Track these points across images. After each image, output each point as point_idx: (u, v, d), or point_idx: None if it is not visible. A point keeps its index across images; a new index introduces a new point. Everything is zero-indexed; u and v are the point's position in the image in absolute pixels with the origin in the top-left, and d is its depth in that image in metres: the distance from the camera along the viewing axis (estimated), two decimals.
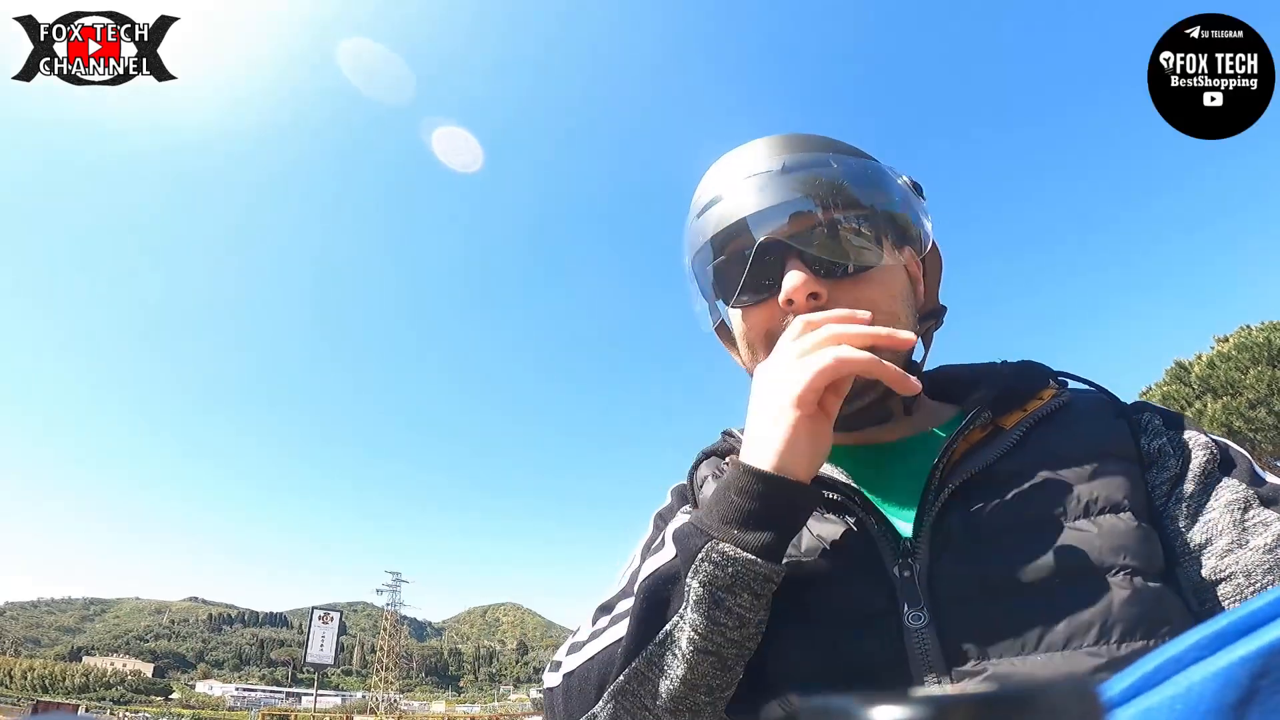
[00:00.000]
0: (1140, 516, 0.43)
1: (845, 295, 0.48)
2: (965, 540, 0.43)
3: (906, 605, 0.42)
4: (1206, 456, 0.46)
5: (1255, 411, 14.15)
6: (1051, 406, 0.49)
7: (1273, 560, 0.41)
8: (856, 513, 0.46)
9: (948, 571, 0.43)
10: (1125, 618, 0.39)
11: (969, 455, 0.46)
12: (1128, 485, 0.44)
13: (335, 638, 32.20)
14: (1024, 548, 0.42)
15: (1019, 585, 0.41)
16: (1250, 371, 14.36)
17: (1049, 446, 0.46)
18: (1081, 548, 0.41)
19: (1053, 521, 0.43)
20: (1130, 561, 0.41)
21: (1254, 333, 15.13)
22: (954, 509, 0.44)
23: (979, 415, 0.47)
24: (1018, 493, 0.44)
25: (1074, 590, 0.40)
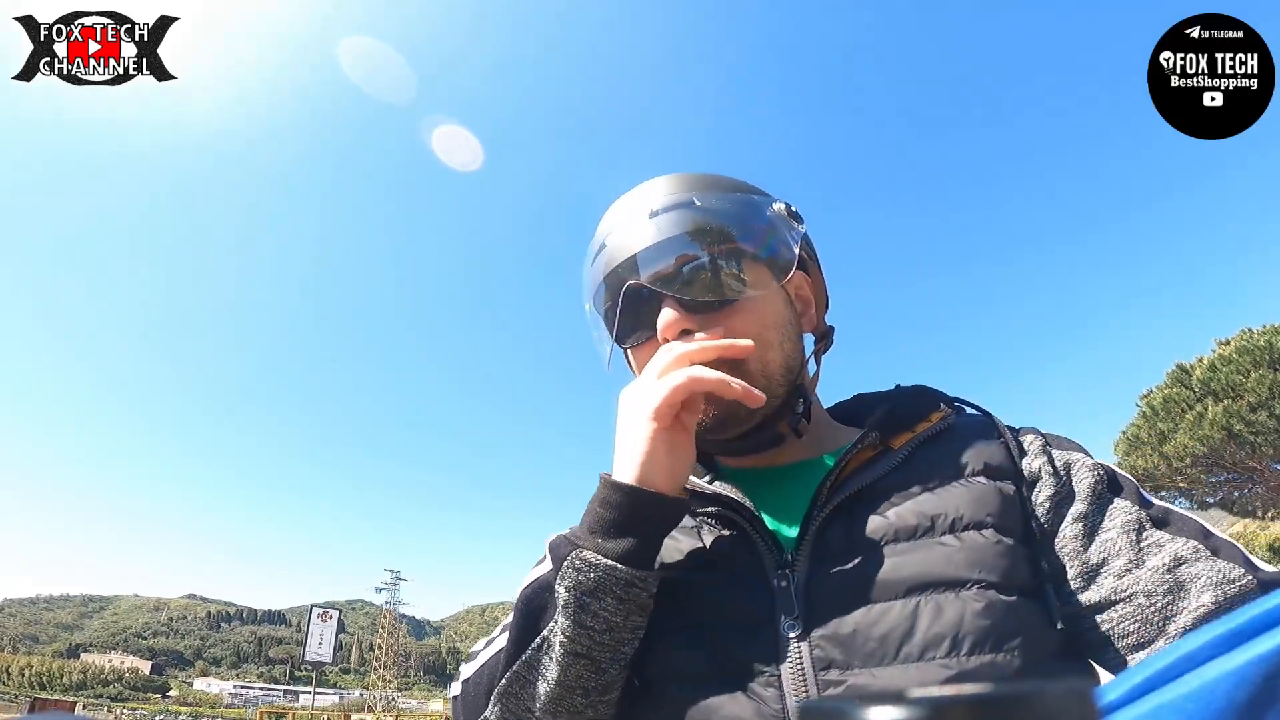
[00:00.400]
0: (1006, 534, 0.45)
1: (716, 327, 0.50)
2: (842, 553, 0.46)
3: (783, 615, 0.44)
4: (1095, 478, 0.48)
5: (1256, 415, 14.14)
6: (938, 428, 0.52)
7: (1172, 580, 0.42)
8: (742, 526, 0.49)
9: (823, 583, 0.45)
10: (975, 630, 0.41)
11: (856, 473, 0.49)
12: (997, 503, 0.46)
13: (334, 636, 32.22)
14: (892, 562, 0.44)
15: (884, 597, 0.43)
16: (1251, 375, 14.35)
17: (929, 466, 0.49)
18: (942, 562, 0.43)
19: (922, 537, 0.45)
20: (986, 576, 0.43)
21: (1255, 336, 15.12)
22: (835, 523, 0.47)
23: (868, 435, 0.50)
24: (894, 509, 0.47)
25: (933, 603, 0.42)
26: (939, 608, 0.42)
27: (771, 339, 0.52)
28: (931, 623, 0.41)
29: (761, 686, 0.43)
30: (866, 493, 0.48)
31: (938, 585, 0.43)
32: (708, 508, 0.52)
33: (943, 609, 0.42)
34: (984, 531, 0.45)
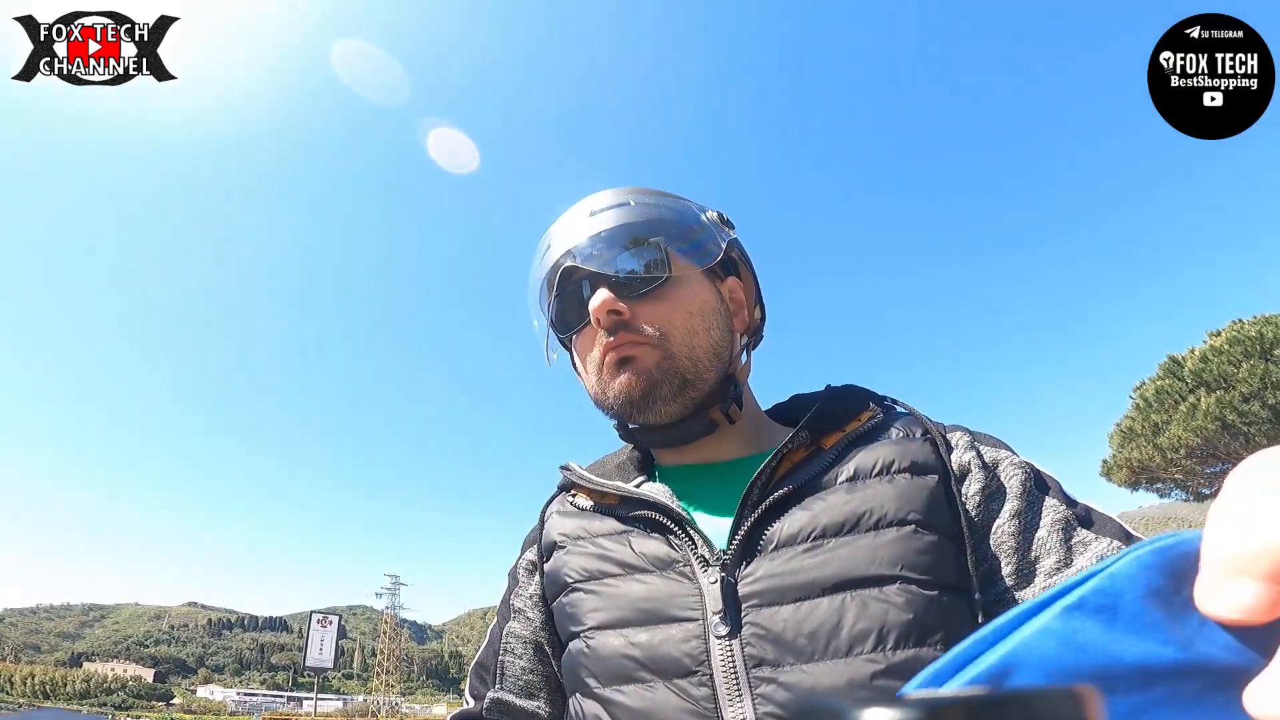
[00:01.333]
0: (931, 529, 0.46)
1: (644, 311, 0.54)
2: (771, 552, 0.47)
3: (712, 613, 0.46)
4: (1024, 475, 0.49)
5: (1249, 405, 14.22)
6: (867, 427, 0.53)
7: None
8: (670, 527, 0.50)
9: (752, 581, 0.46)
10: (899, 625, 0.42)
11: (788, 473, 0.51)
12: (923, 500, 0.47)
13: (334, 641, 32.13)
14: (820, 559, 0.45)
15: (812, 595, 0.44)
16: (1243, 365, 14.42)
17: (857, 464, 0.50)
18: (866, 559, 0.45)
19: (847, 534, 0.46)
20: (909, 572, 0.44)
21: (1247, 326, 15.19)
22: (765, 523, 0.48)
23: (798, 435, 0.51)
24: (823, 507, 0.48)
25: (857, 599, 0.44)
26: (864, 604, 0.43)
27: (697, 325, 0.55)
28: (857, 619, 0.43)
29: (694, 685, 0.44)
30: (797, 492, 0.49)
31: (862, 582, 0.44)
32: (635, 511, 0.53)
33: (867, 605, 0.43)
34: (908, 528, 0.46)
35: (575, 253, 0.55)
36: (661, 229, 0.56)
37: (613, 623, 0.49)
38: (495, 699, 0.58)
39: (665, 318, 0.54)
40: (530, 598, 0.60)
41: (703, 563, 0.48)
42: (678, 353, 0.53)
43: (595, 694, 0.48)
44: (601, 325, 0.53)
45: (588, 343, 0.56)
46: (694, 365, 0.53)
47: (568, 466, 0.62)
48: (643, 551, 0.51)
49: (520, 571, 0.62)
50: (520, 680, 0.58)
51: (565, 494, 0.62)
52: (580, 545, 0.55)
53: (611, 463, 0.63)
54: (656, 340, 0.53)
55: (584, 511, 0.58)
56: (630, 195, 0.58)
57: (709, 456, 0.58)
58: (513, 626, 0.60)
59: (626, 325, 0.53)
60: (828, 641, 0.43)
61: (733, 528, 0.49)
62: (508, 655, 0.59)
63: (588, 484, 0.57)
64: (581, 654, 0.50)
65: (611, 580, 0.51)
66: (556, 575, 0.55)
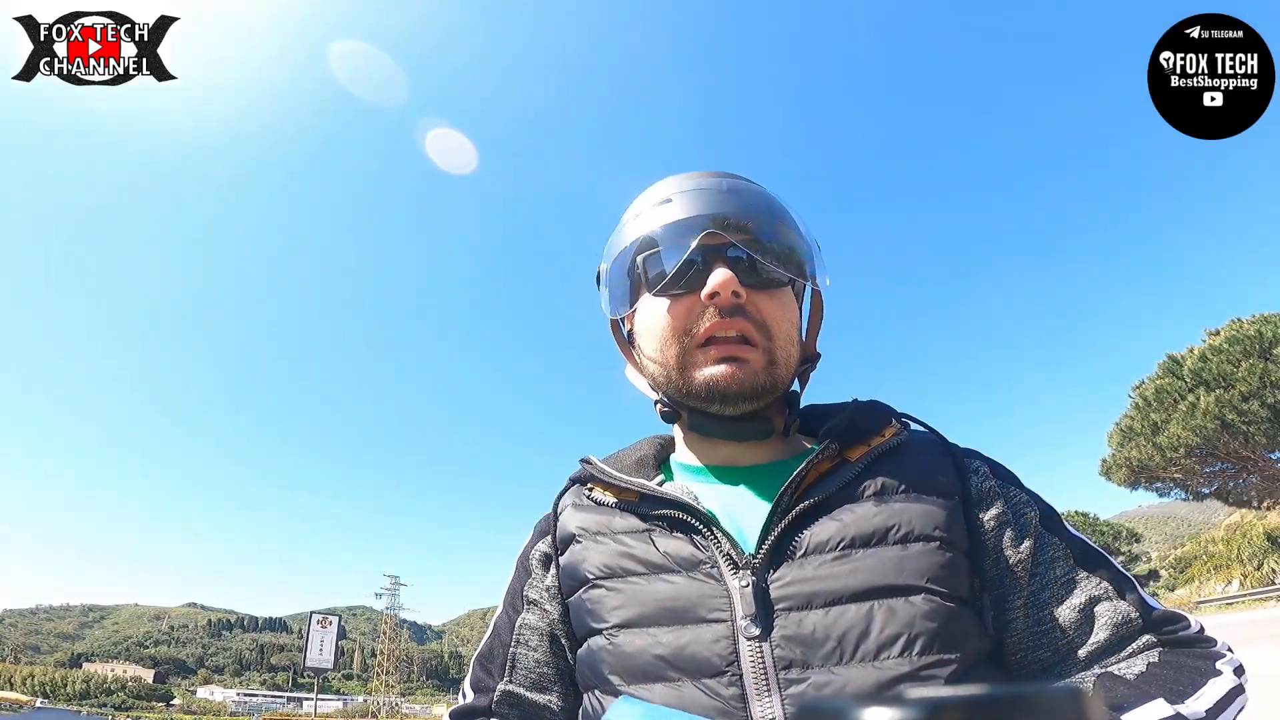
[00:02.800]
0: (952, 547, 0.49)
1: (758, 304, 0.54)
2: (800, 558, 0.48)
3: (742, 616, 0.47)
4: (1036, 513, 0.54)
5: (1248, 404, 14.18)
6: (892, 443, 0.55)
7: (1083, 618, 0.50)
8: (698, 528, 0.51)
9: (782, 586, 0.47)
10: (925, 631, 0.45)
11: (816, 483, 0.52)
12: (944, 518, 0.50)
13: (334, 642, 32.07)
14: (848, 567, 0.47)
15: (841, 600, 0.46)
16: (1242, 364, 14.38)
17: (884, 480, 0.52)
18: (895, 569, 0.47)
19: (875, 545, 0.48)
20: (933, 584, 0.47)
21: (1245, 326, 15.15)
22: (794, 530, 0.50)
23: (828, 447, 0.53)
24: (851, 518, 0.50)
25: (885, 606, 0.46)
26: (891, 611, 0.45)
27: (795, 336, 0.57)
28: (885, 624, 0.45)
29: (723, 685, 0.45)
30: (825, 502, 0.50)
31: (890, 590, 0.46)
32: (658, 510, 0.53)
33: (895, 612, 0.45)
34: (933, 544, 0.48)
35: (719, 220, 0.53)
36: (792, 232, 0.57)
37: (638, 621, 0.49)
38: (506, 691, 0.57)
39: (776, 317, 0.54)
40: (547, 590, 0.58)
41: (731, 565, 0.48)
42: (779, 359, 0.54)
43: (619, 691, 0.48)
44: (718, 303, 0.52)
45: (683, 311, 0.54)
46: (785, 374, 0.55)
47: (588, 460, 0.61)
48: (667, 551, 0.51)
49: (533, 562, 0.61)
50: (533, 673, 0.58)
51: (581, 486, 0.61)
52: (600, 541, 0.54)
53: (629, 458, 0.61)
54: (762, 340, 0.53)
55: (603, 506, 0.57)
56: (764, 190, 0.58)
57: (733, 459, 0.58)
58: (527, 618, 0.59)
59: (741, 310, 0.53)
60: (856, 645, 0.44)
61: (762, 532, 0.49)
62: (520, 647, 0.58)
63: (610, 479, 0.57)
64: (604, 651, 0.50)
65: (635, 579, 0.51)
66: (575, 569, 0.55)
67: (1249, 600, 14.20)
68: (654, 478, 0.58)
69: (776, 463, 0.57)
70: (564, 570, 0.56)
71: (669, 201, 0.56)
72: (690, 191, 0.56)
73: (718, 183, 0.57)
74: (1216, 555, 18.83)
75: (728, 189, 0.56)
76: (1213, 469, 16.43)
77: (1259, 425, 14.25)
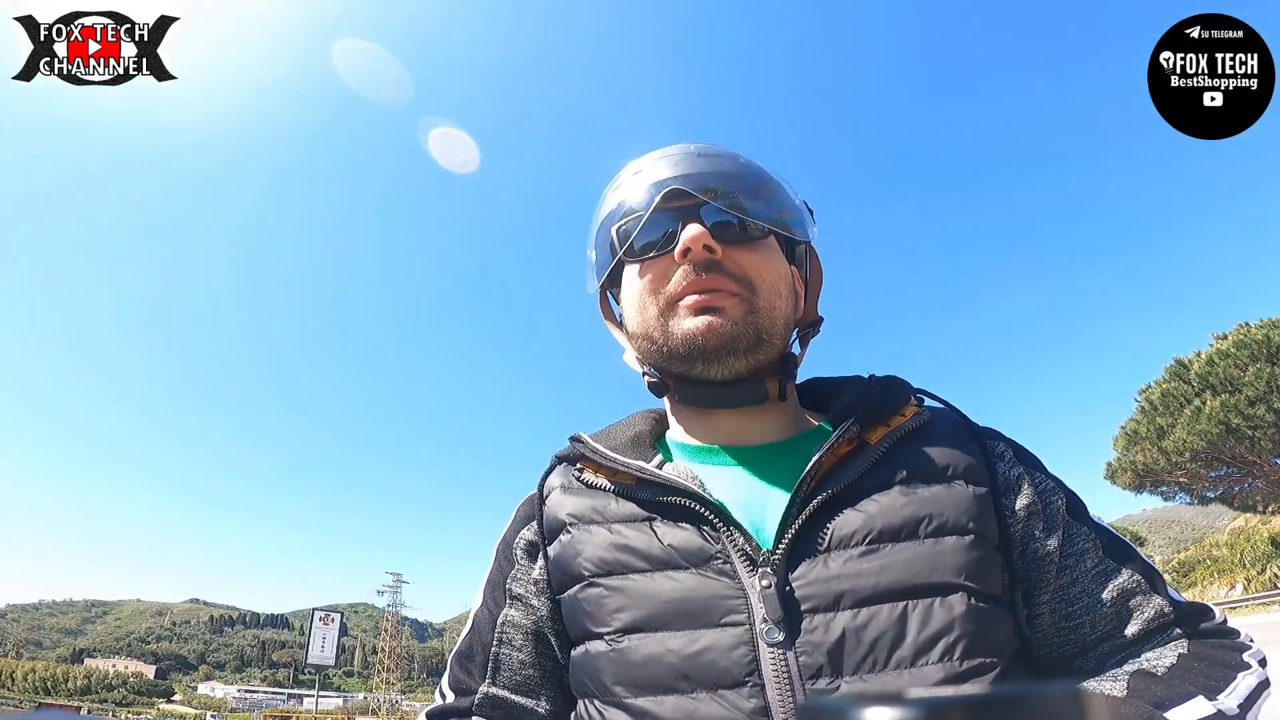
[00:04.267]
0: (983, 540, 0.45)
1: (735, 258, 0.51)
2: (823, 553, 0.44)
3: (763, 618, 0.42)
4: (1062, 501, 0.50)
5: (1254, 409, 14.09)
6: (913, 424, 0.51)
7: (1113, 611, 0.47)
8: (708, 519, 0.46)
9: (805, 585, 0.43)
10: (966, 635, 0.41)
11: (834, 470, 0.47)
12: (976, 508, 0.46)
13: (336, 639, 32.18)
14: (878, 563, 0.43)
15: (872, 601, 0.42)
16: (1249, 369, 14.30)
17: (908, 465, 0.48)
18: (929, 566, 0.43)
19: (906, 539, 0.44)
20: (969, 582, 0.43)
21: (1253, 330, 15.06)
22: (815, 523, 0.45)
23: (848, 429, 0.49)
24: (877, 509, 0.45)
25: (920, 607, 0.42)
26: (928, 611, 0.41)
27: (781, 289, 0.53)
28: (921, 627, 0.41)
29: (743, 697, 0.40)
30: (847, 490, 0.46)
31: (926, 589, 0.42)
32: (660, 496, 0.48)
33: (931, 614, 0.41)
34: (964, 537, 0.45)
35: (685, 179, 0.52)
36: (771, 190, 0.55)
37: (644, 624, 0.44)
38: (489, 695, 0.52)
39: (758, 269, 0.51)
40: (534, 583, 0.53)
41: (747, 561, 0.44)
42: (761, 308, 0.50)
43: (624, 703, 0.43)
44: (691, 259, 0.49)
45: (659, 273, 0.51)
46: (771, 326, 0.51)
47: (579, 438, 0.56)
48: (671, 543, 0.46)
49: (518, 551, 0.55)
50: (519, 675, 0.53)
51: (569, 466, 0.56)
52: (594, 531, 0.49)
53: (622, 434, 0.56)
54: (743, 291, 0.50)
55: (595, 490, 0.52)
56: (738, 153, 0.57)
57: (735, 437, 0.53)
58: (511, 614, 0.54)
59: (718, 266, 0.50)
60: (890, 651, 0.40)
61: (781, 525, 0.45)
62: (504, 647, 0.53)
63: (605, 460, 0.51)
64: (606, 658, 0.45)
65: (636, 575, 0.46)
66: (568, 564, 0.49)
67: (1253, 605, 14.12)
68: (652, 458, 0.52)
69: (785, 441, 0.53)
70: (553, 563, 0.51)
71: (640, 173, 0.55)
72: (660, 160, 0.55)
73: (687, 147, 0.55)
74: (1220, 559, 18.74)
75: (697, 152, 0.54)
76: (1218, 473, 16.33)
77: (1265, 430, 14.15)
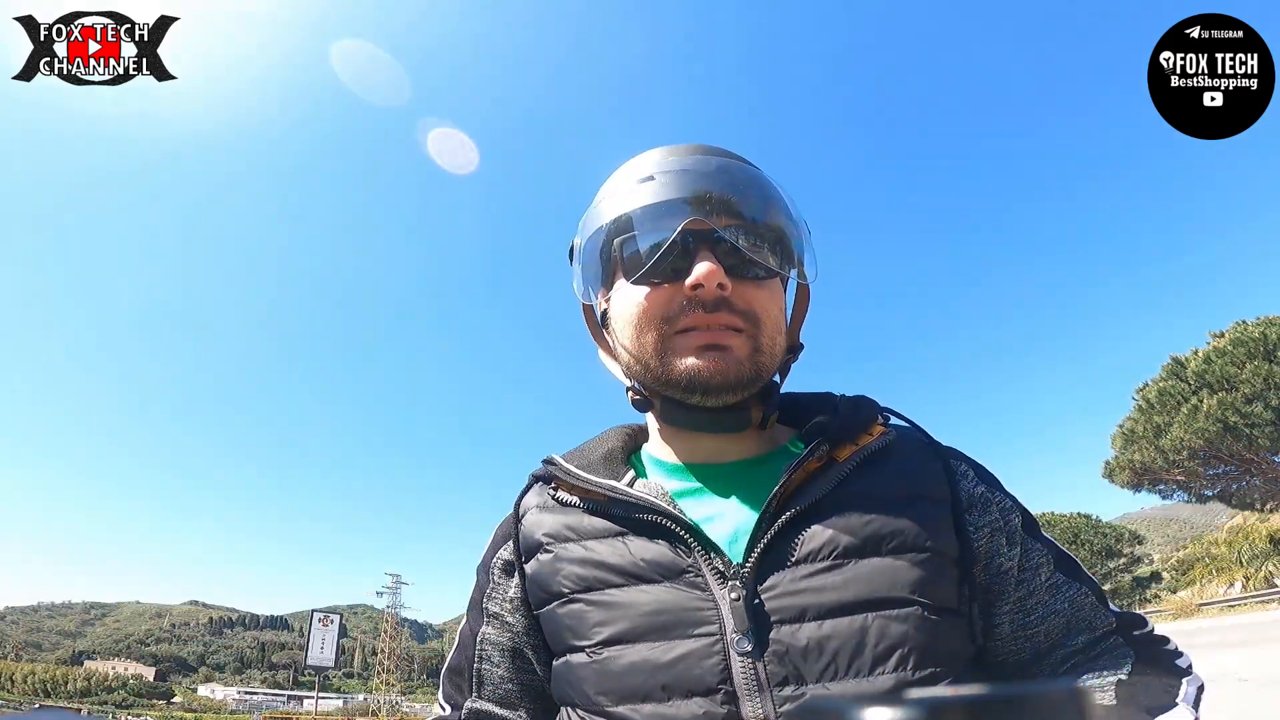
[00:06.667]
0: (940, 556, 0.48)
1: (744, 294, 0.51)
2: (790, 568, 0.46)
3: (733, 629, 0.44)
4: (1020, 519, 0.54)
5: (1251, 406, 14.12)
6: (880, 444, 0.53)
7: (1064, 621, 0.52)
8: (678, 534, 0.48)
9: (774, 597, 0.45)
10: (919, 647, 0.44)
11: (803, 486, 0.49)
12: (935, 526, 0.49)
13: (335, 640, 32.17)
14: (840, 578, 0.46)
15: (835, 614, 0.45)
16: (1246, 366, 14.33)
17: (874, 483, 0.50)
18: (888, 582, 0.46)
19: (869, 556, 0.47)
20: (924, 598, 0.46)
21: (1250, 328, 15.09)
22: (784, 537, 0.47)
23: (818, 447, 0.50)
24: (843, 526, 0.47)
25: (878, 620, 0.44)
26: (885, 624, 0.44)
27: (781, 325, 0.55)
28: (879, 639, 0.43)
29: (715, 704, 0.43)
30: (814, 506, 0.48)
31: (883, 603, 0.45)
32: (636, 514, 0.49)
33: (888, 626, 0.44)
34: (924, 554, 0.47)
35: (702, 204, 0.50)
36: (784, 221, 0.53)
37: (623, 637, 0.46)
38: (474, 709, 0.56)
39: (764, 307, 0.51)
40: (510, 601, 0.56)
41: (717, 575, 0.46)
42: (765, 346, 0.51)
43: (606, 711, 0.46)
44: (702, 295, 0.49)
45: (663, 300, 0.50)
46: (770, 364, 0.52)
47: (551, 460, 0.57)
48: (644, 558, 0.48)
49: (495, 570, 0.58)
50: (499, 690, 0.56)
51: (545, 485, 0.58)
52: (569, 549, 0.51)
53: (595, 452, 0.57)
54: (748, 328, 0.50)
55: (569, 508, 0.54)
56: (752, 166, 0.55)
57: (709, 455, 0.55)
58: (487, 632, 0.57)
59: (726, 303, 0.49)
60: (851, 660, 0.43)
61: (751, 539, 0.47)
62: (483, 663, 0.57)
63: (576, 480, 0.53)
64: (587, 669, 0.47)
65: (613, 590, 0.48)
66: (546, 582, 0.52)
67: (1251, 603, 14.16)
68: (624, 475, 0.54)
69: (756, 459, 0.55)
70: (531, 580, 0.53)
71: (651, 179, 0.52)
72: (675, 172, 0.52)
73: (705, 161, 0.52)
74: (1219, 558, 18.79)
75: (716, 168, 0.52)
76: (1216, 471, 16.37)
77: (1262, 428, 14.19)
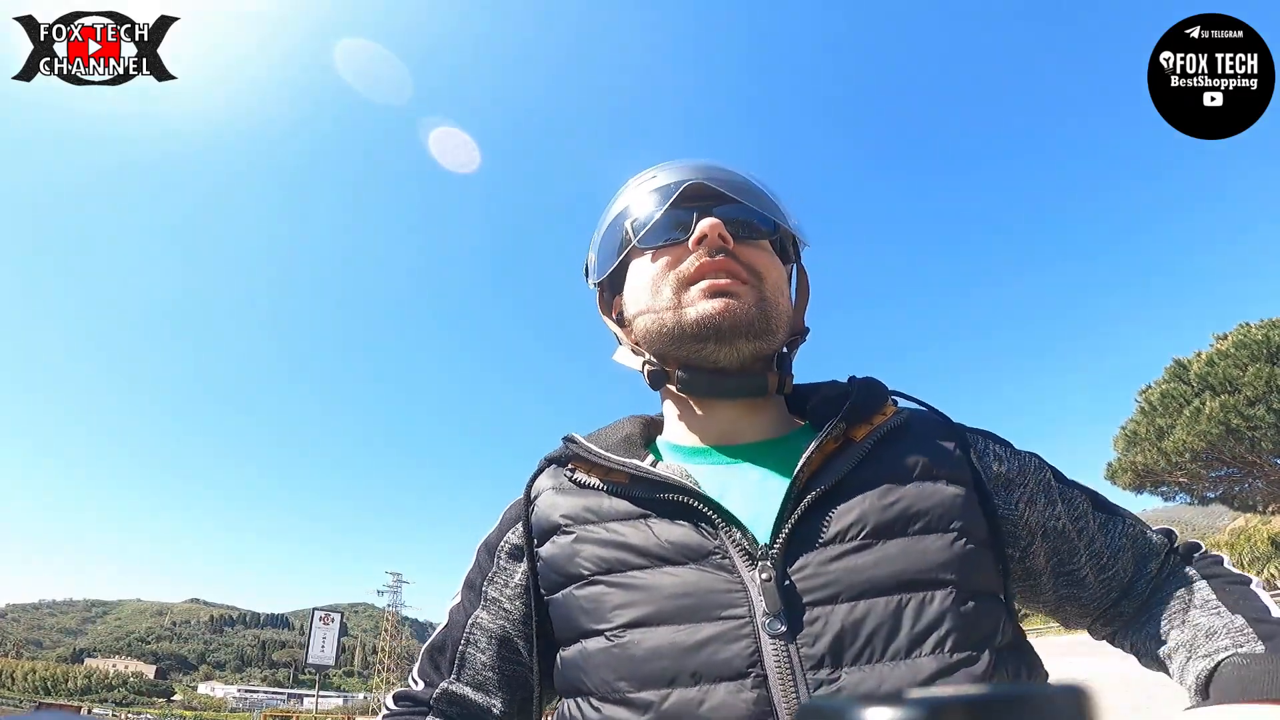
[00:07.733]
0: (972, 535, 0.47)
1: (746, 253, 0.55)
2: (819, 548, 0.45)
3: (764, 612, 0.43)
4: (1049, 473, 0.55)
5: (1254, 409, 14.08)
6: (894, 423, 0.53)
7: (1132, 555, 0.54)
8: (705, 515, 0.47)
9: (804, 578, 0.44)
10: (955, 629, 0.43)
11: (825, 465, 0.49)
12: (960, 505, 0.48)
13: (336, 639, 32.20)
14: (871, 558, 0.44)
15: (868, 594, 0.43)
16: (1249, 369, 14.29)
17: (894, 461, 0.50)
18: (920, 562, 0.45)
19: (898, 535, 0.46)
20: (955, 576, 0.45)
21: (1253, 330, 15.05)
22: (810, 518, 0.46)
23: (835, 426, 0.50)
24: (868, 505, 0.47)
25: (913, 601, 0.43)
26: (920, 605, 0.43)
27: (784, 286, 0.57)
28: (915, 620, 0.42)
29: (746, 688, 0.41)
30: (838, 486, 0.47)
31: (917, 584, 0.43)
32: (655, 494, 0.48)
33: (924, 607, 0.43)
34: (951, 534, 0.46)
35: (704, 172, 0.57)
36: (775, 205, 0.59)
37: (646, 620, 0.44)
38: (448, 690, 0.55)
39: (765, 264, 0.55)
40: (512, 587, 0.54)
41: (745, 556, 0.45)
42: (769, 297, 0.54)
43: (627, 698, 0.44)
44: (707, 244, 0.53)
45: (674, 258, 0.54)
46: (777, 316, 0.54)
47: (571, 439, 0.56)
48: (669, 540, 0.47)
49: (501, 555, 0.56)
50: (479, 675, 0.55)
51: (560, 468, 0.56)
52: (590, 530, 0.49)
53: (614, 435, 0.57)
54: (752, 279, 0.54)
55: (588, 490, 0.52)
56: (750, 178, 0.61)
57: (729, 436, 0.55)
58: (481, 616, 0.55)
59: (731, 254, 0.53)
60: (887, 643, 0.42)
61: (778, 520, 0.46)
62: (469, 646, 0.55)
63: (598, 459, 0.52)
64: (606, 654, 0.45)
65: (635, 572, 0.46)
66: (564, 564, 0.49)
67: None
68: (645, 458, 0.53)
69: (774, 440, 0.54)
70: (546, 564, 0.51)
71: (655, 178, 0.59)
72: (675, 165, 0.59)
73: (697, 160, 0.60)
74: None
75: (709, 164, 0.59)
76: (1218, 474, 16.32)
77: (1265, 430, 14.14)
